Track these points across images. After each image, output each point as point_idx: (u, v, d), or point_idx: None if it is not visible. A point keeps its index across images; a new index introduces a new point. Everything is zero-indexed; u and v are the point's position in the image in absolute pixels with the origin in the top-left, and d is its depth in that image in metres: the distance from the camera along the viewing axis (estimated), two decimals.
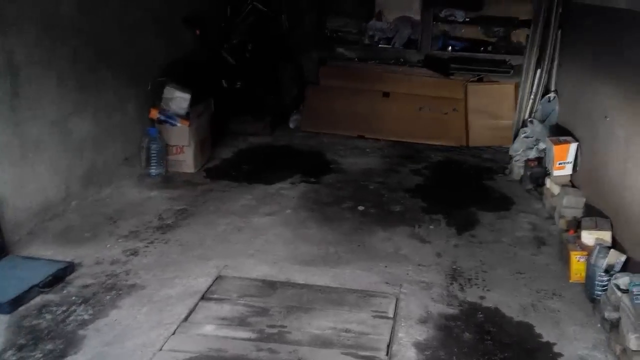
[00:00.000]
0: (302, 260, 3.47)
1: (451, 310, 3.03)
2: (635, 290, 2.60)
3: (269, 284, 3.16)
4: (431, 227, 4.02)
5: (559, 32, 5.02)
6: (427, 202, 4.42)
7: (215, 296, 3.03)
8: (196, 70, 5.07)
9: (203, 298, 3.00)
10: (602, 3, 4.06)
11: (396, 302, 3.06)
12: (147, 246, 3.54)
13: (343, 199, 4.42)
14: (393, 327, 2.84)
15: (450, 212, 4.24)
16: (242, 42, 5.73)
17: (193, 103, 4.69)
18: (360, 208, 4.26)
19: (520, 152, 4.99)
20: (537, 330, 2.89)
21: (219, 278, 3.19)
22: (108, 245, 3.52)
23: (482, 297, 3.16)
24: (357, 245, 3.70)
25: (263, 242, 3.67)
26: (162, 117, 4.59)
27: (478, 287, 3.26)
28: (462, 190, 4.77)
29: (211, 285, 3.12)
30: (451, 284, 3.29)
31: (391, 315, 2.94)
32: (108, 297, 2.99)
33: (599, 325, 2.91)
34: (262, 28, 5.85)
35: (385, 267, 3.44)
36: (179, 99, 4.61)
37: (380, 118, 6.01)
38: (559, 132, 4.63)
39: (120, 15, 4.33)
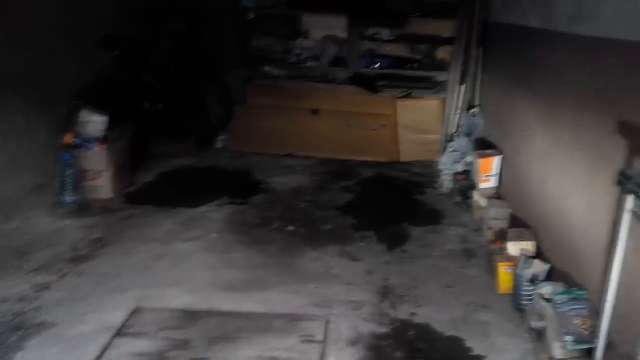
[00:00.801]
0: (227, 286, 3.32)
1: (382, 330, 2.97)
2: (558, 299, 2.63)
3: (191, 314, 3.00)
4: (362, 244, 3.96)
5: (481, 49, 5.13)
6: (358, 219, 4.36)
7: (131, 331, 2.84)
8: (114, 92, 4.88)
9: (118, 334, 2.81)
10: (518, 22, 4.17)
11: (326, 324, 2.97)
12: (59, 280, 3.31)
13: (272, 219, 4.30)
14: (322, 352, 2.74)
15: (381, 229, 4.20)
16: (164, 62, 5.58)
17: (111, 126, 4.50)
18: (290, 228, 4.16)
19: (449, 166, 5.04)
20: (468, 344, 2.87)
21: (136, 311, 3.01)
22: (17, 281, 3.26)
23: (413, 314, 3.12)
24: (286, 268, 3.59)
25: (186, 269, 3.50)
26: (78, 142, 4.37)
27: (409, 304, 3.22)
28: (393, 205, 4.73)
29: (128, 320, 2.93)
30: (382, 302, 3.23)
31: (321, 339, 2.84)
32: (14, 338, 2.76)
33: (527, 335, 2.92)
34: (184, 48, 5.72)
35: (316, 288, 3.34)
36: (95, 123, 4.41)
37: (309, 136, 5.95)
38: (484, 146, 4.70)
39: (29, 36, 4.09)
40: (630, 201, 2.07)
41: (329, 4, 6.10)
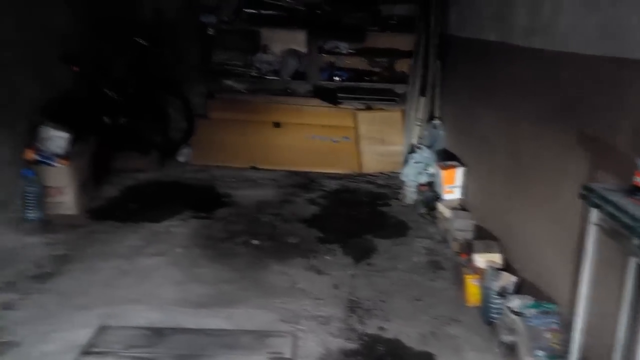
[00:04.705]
0: (193, 302, 3.26)
1: (351, 345, 2.93)
2: (527, 312, 2.62)
3: (156, 332, 2.93)
4: (328, 257, 3.94)
5: (438, 62, 5.21)
6: (323, 231, 4.35)
7: (96, 349, 2.76)
8: (75, 107, 4.79)
9: (83, 352, 2.72)
10: (475, 35, 4.25)
11: (293, 340, 2.93)
12: (22, 298, 3.20)
13: (236, 233, 4.25)
14: None
15: (347, 241, 4.18)
16: (125, 77, 5.51)
17: (73, 142, 4.41)
18: (255, 242, 4.11)
19: (412, 177, 5.07)
20: (438, 359, 2.85)
21: (101, 329, 2.92)
22: None
23: (381, 328, 3.09)
24: (251, 282, 3.54)
25: (151, 285, 3.42)
26: (39, 158, 4.25)
27: (377, 318, 3.19)
28: (358, 217, 4.73)
29: (93, 338, 2.84)
30: (350, 316, 3.20)
31: (288, 356, 2.80)
32: None
33: (497, 349, 2.90)
34: (145, 63, 5.66)
35: (282, 303, 3.30)
36: (56, 139, 4.31)
37: (272, 148, 5.95)
38: (447, 157, 4.76)
39: None
40: (595, 214, 2.09)
41: (287, 19, 6.15)
